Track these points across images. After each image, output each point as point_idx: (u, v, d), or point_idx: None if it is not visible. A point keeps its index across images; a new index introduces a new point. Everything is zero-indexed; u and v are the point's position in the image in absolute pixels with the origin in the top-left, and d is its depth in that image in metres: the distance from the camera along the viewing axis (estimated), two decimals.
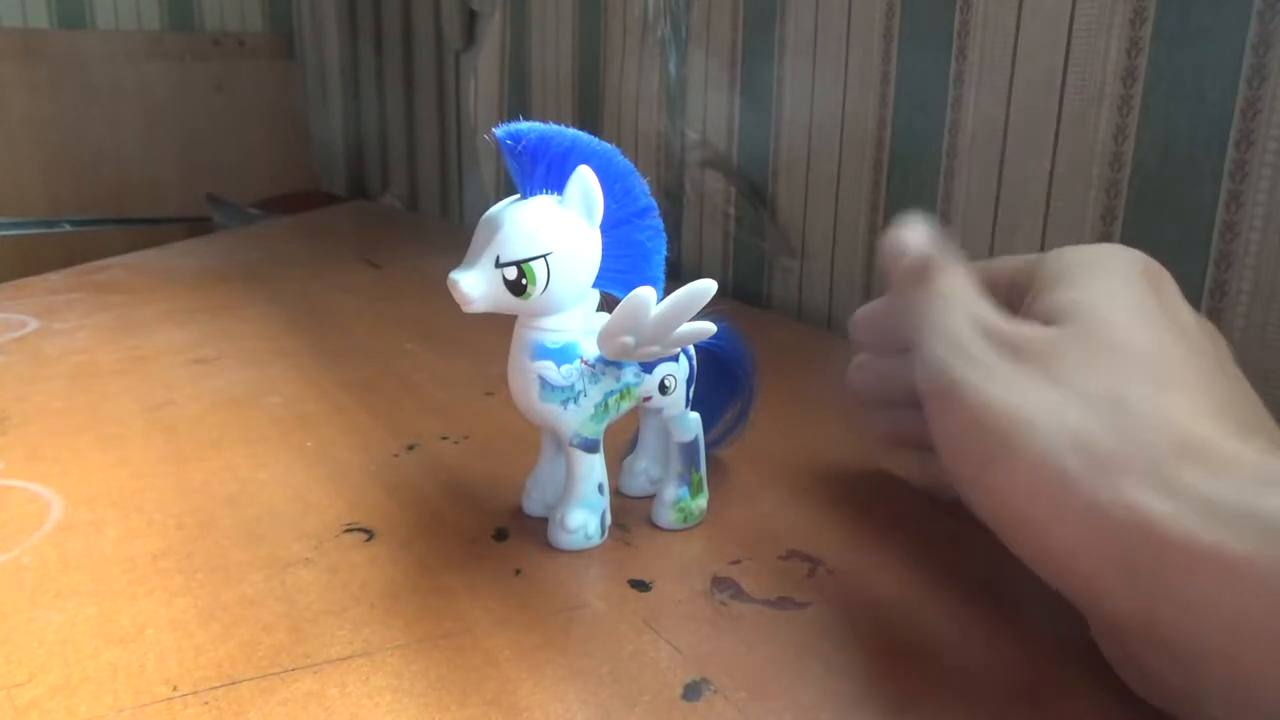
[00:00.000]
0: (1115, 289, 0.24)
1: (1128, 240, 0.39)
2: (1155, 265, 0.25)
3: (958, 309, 0.25)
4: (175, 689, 0.21)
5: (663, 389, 0.28)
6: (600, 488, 0.28)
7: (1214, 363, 0.23)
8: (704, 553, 0.28)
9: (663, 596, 0.26)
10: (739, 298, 0.62)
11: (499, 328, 0.28)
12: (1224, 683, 0.18)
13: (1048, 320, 0.23)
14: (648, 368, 0.28)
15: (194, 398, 0.41)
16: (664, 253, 0.28)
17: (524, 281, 0.25)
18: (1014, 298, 0.26)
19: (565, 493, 0.28)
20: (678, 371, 0.29)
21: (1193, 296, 0.27)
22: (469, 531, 0.29)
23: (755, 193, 0.61)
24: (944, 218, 0.49)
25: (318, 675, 0.22)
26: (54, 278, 0.64)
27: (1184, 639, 0.19)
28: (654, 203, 0.28)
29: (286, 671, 0.22)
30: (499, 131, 0.25)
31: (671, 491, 0.30)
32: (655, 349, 0.26)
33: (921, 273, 0.27)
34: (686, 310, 0.25)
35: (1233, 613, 0.18)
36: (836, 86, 0.54)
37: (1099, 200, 0.42)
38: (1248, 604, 0.17)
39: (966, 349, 0.24)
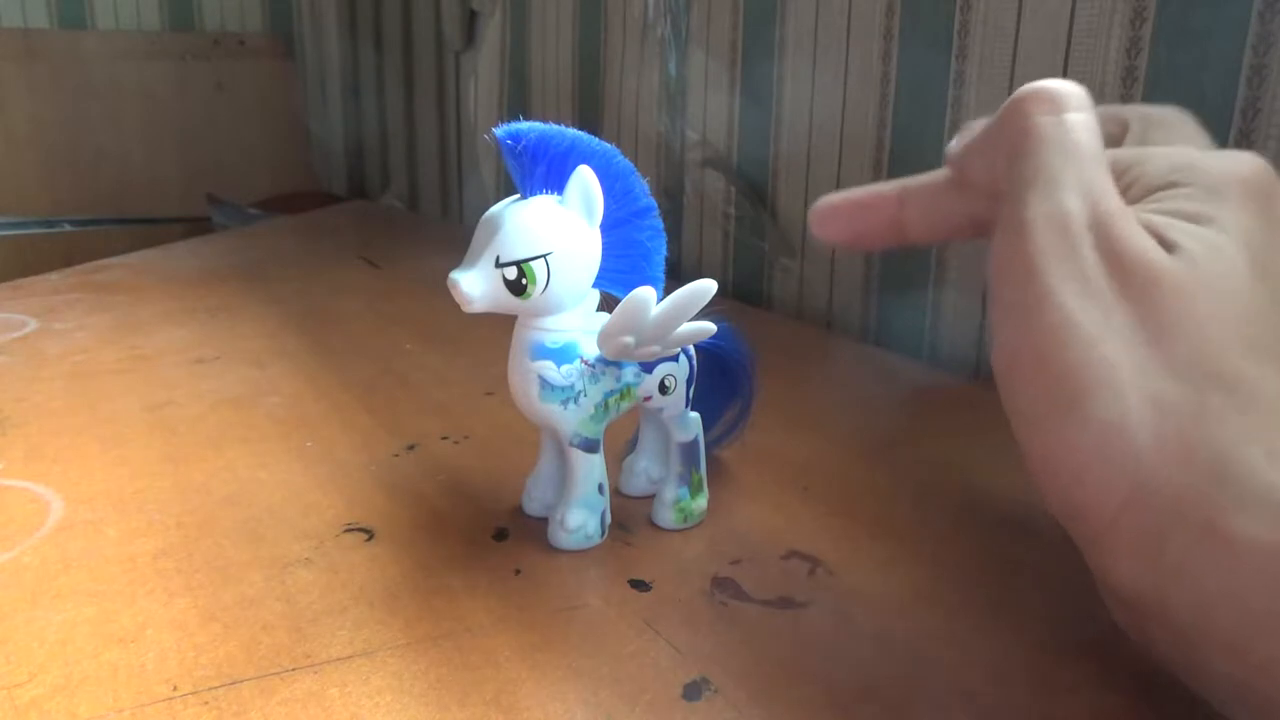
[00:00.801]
0: (1246, 226, 0.21)
1: None
2: (1275, 177, 0.22)
3: (1077, 178, 0.21)
4: (175, 689, 0.21)
5: (663, 389, 0.28)
6: (600, 488, 0.28)
7: None
8: (704, 553, 0.28)
9: (663, 596, 0.26)
10: (739, 298, 0.63)
11: (499, 328, 0.28)
12: (1230, 670, 0.18)
13: (1165, 237, 0.20)
14: (648, 368, 0.28)
15: (194, 398, 0.41)
16: (664, 253, 0.28)
17: (524, 281, 0.25)
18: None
19: (565, 493, 0.28)
20: (678, 371, 0.29)
21: None
22: (469, 531, 0.29)
23: (755, 193, 0.61)
24: None
25: (318, 675, 0.22)
26: (54, 278, 0.64)
27: (1196, 624, 0.18)
28: (654, 203, 0.28)
29: (286, 671, 0.22)
30: (499, 131, 0.25)
31: (671, 491, 0.30)
32: (655, 349, 0.26)
33: (1045, 96, 0.22)
34: (686, 310, 0.25)
35: (1258, 602, 0.17)
36: (836, 86, 0.54)
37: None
38: (1271, 596, 0.17)
39: (1075, 250, 0.20)
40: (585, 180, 0.26)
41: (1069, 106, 0.22)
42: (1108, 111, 0.26)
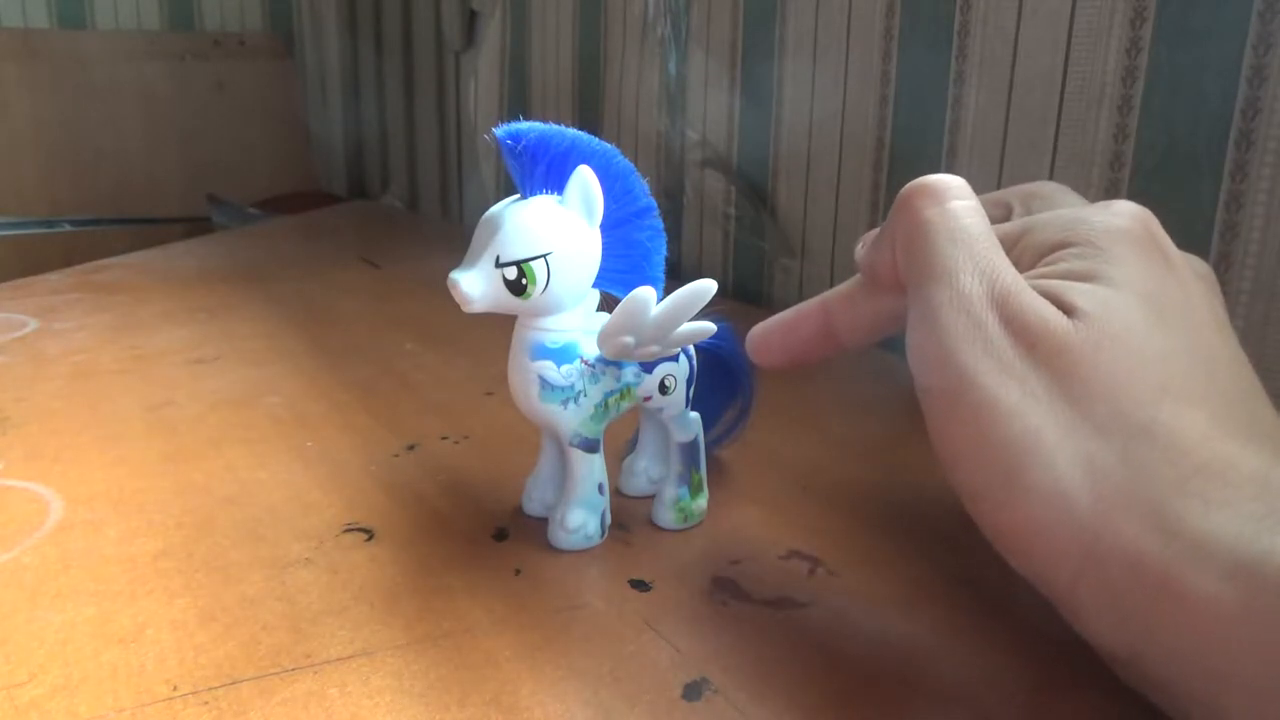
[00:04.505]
0: (1135, 275, 0.21)
1: None
2: (1155, 223, 0.23)
3: (970, 261, 0.22)
4: (175, 689, 0.21)
5: (663, 389, 0.28)
6: (600, 488, 0.28)
7: (1221, 351, 0.22)
8: (704, 553, 0.28)
9: (663, 596, 0.26)
10: (739, 298, 0.62)
11: (499, 328, 0.28)
12: (1206, 717, 0.19)
13: (1062, 300, 0.21)
14: (648, 368, 0.28)
15: (194, 398, 0.41)
16: (664, 253, 0.28)
17: (524, 281, 0.25)
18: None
19: (565, 493, 0.28)
20: (678, 371, 0.29)
21: None
22: (469, 531, 0.29)
23: (755, 193, 0.61)
24: None
25: (318, 675, 0.22)
26: (54, 278, 0.64)
27: (1169, 678, 0.19)
28: (654, 203, 0.28)
29: (286, 671, 0.22)
30: (499, 131, 0.25)
31: (671, 491, 0.30)
32: (655, 349, 0.26)
33: (927, 190, 0.23)
34: (686, 310, 0.25)
35: (1219, 660, 0.18)
36: (836, 86, 0.54)
37: (1099, 200, 0.42)
38: (1235, 653, 0.17)
39: (981, 330, 0.21)
40: (585, 180, 0.26)
41: (951, 196, 0.23)
42: (989, 198, 0.28)
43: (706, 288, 0.25)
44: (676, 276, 0.26)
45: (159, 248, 0.76)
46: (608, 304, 0.27)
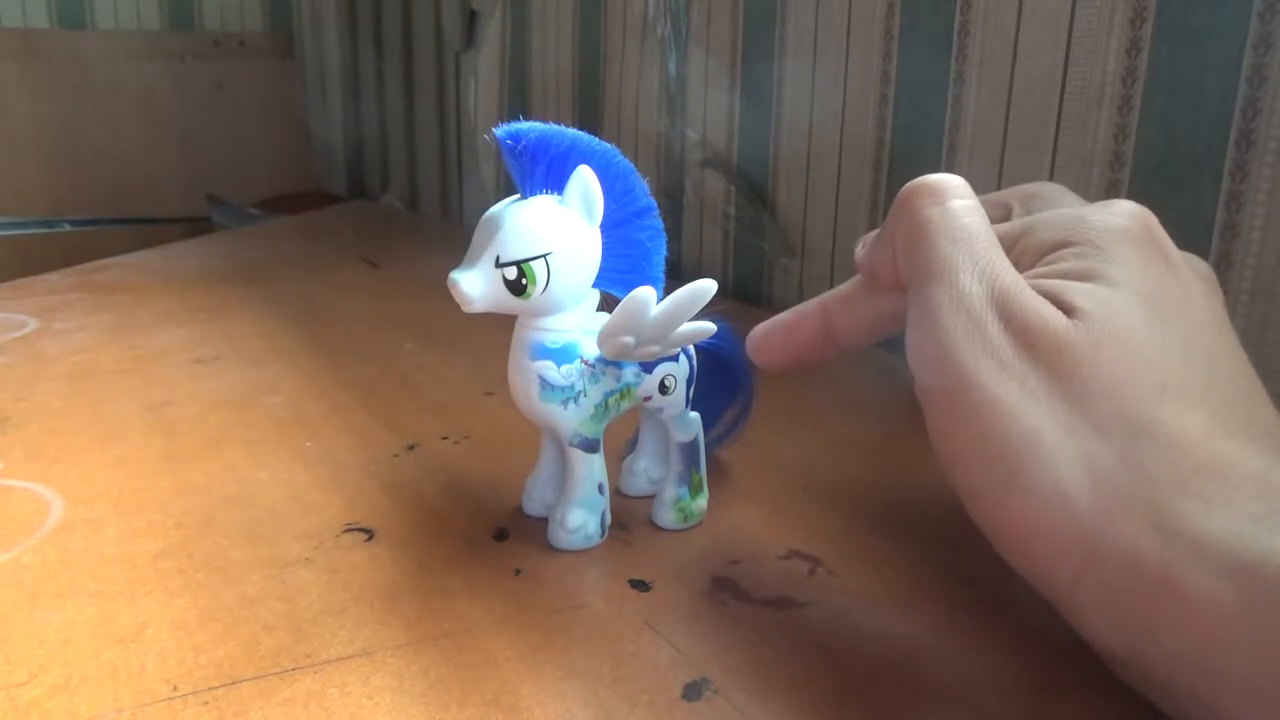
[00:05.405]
0: (1135, 275, 0.21)
1: None
2: (1155, 222, 0.23)
3: (970, 260, 0.22)
4: (175, 689, 0.21)
5: (663, 389, 0.28)
6: (600, 488, 0.28)
7: (1220, 350, 0.22)
8: (704, 553, 0.28)
9: (663, 596, 0.26)
10: (739, 298, 0.62)
11: (499, 328, 0.28)
12: (1205, 717, 0.19)
13: (1062, 299, 0.21)
14: (648, 368, 0.28)
15: (194, 398, 0.41)
16: (664, 253, 0.28)
17: (524, 281, 0.25)
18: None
19: (565, 493, 0.28)
20: (678, 371, 0.29)
21: None
22: (469, 531, 0.29)
23: (755, 193, 0.61)
24: None
25: (318, 675, 0.22)
26: (54, 278, 0.64)
27: (1169, 678, 0.19)
28: (654, 203, 0.28)
29: (286, 671, 0.22)
30: (499, 131, 0.25)
31: (671, 491, 0.30)
32: (655, 349, 0.26)
33: (927, 189, 0.23)
34: (686, 310, 0.25)
35: (1219, 660, 0.18)
36: (836, 86, 0.54)
37: (1099, 200, 0.42)
38: (1235, 653, 0.17)
39: (981, 330, 0.21)
40: (585, 180, 0.26)
41: (951, 195, 0.23)
42: (989, 198, 0.28)
43: (706, 288, 0.25)
44: (676, 276, 0.26)
45: (159, 248, 0.76)
46: (608, 304, 0.27)
